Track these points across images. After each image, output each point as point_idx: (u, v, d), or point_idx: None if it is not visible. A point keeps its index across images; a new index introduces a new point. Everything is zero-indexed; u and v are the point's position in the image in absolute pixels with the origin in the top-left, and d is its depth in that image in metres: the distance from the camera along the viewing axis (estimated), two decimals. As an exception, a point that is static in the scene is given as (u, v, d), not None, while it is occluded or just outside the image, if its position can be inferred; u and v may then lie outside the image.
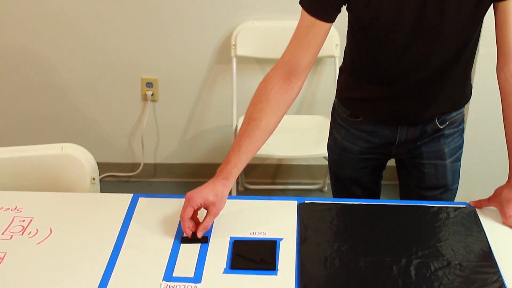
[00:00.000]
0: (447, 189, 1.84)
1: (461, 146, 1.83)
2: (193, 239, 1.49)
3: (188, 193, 1.51)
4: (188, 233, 1.48)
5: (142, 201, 1.66)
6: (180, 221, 1.50)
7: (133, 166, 3.39)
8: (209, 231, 1.52)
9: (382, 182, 2.03)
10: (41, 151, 1.87)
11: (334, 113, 1.90)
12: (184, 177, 3.40)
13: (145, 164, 3.36)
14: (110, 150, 3.34)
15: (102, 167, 2.44)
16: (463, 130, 1.82)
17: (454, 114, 1.76)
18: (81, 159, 1.84)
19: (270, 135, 1.59)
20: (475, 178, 2.71)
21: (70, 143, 1.87)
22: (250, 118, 1.58)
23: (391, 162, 1.97)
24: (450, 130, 1.78)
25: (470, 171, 2.43)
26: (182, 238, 1.50)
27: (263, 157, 3.14)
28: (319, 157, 3.02)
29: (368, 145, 1.82)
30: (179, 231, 1.52)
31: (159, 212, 1.61)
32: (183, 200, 1.63)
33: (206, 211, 1.51)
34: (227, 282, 1.38)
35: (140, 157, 3.34)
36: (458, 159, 1.84)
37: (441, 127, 1.76)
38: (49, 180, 1.84)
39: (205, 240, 1.49)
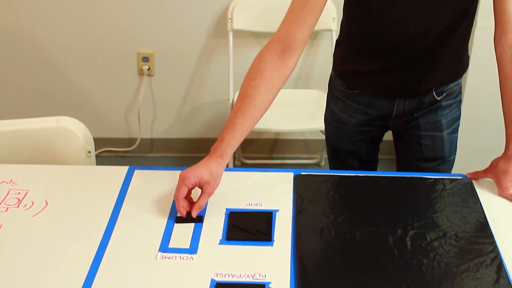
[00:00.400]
0: (444, 160, 1.84)
1: (458, 118, 1.82)
2: (187, 219, 1.47)
3: (182, 172, 1.48)
4: (182, 212, 1.46)
5: (138, 174, 1.66)
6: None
7: (130, 141, 3.38)
8: (204, 210, 1.50)
9: (380, 156, 2.03)
10: (36, 124, 1.86)
11: (331, 86, 1.89)
12: (181, 152, 3.40)
13: (141, 139, 3.35)
14: (106, 125, 3.33)
15: (98, 142, 2.44)
16: (460, 101, 1.82)
17: (451, 85, 1.76)
18: (76, 132, 1.83)
19: (264, 112, 1.57)
20: (472, 150, 2.71)
21: (65, 116, 1.86)
22: (245, 95, 1.55)
23: (389, 136, 1.96)
24: (447, 102, 1.77)
25: (467, 143, 2.43)
26: (176, 218, 1.48)
27: (260, 132, 3.14)
28: (316, 132, 3.02)
29: (365, 117, 1.81)
30: (175, 205, 1.51)
31: (155, 184, 1.60)
32: (178, 172, 1.62)
33: (200, 190, 1.49)
34: (223, 253, 1.38)
35: (137, 132, 3.34)
36: (455, 130, 1.83)
37: (439, 98, 1.75)
38: (44, 154, 1.83)
39: (200, 219, 1.47)
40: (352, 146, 1.90)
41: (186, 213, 1.47)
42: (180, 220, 1.47)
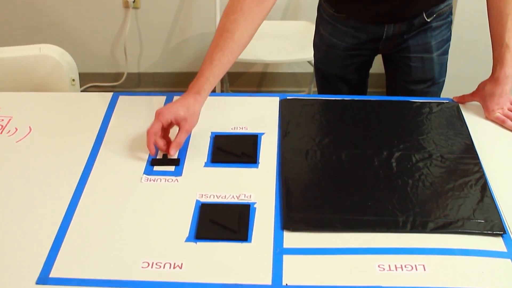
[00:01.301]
0: (434, 82, 1.82)
1: (448, 39, 1.80)
2: (163, 161, 1.41)
3: (158, 109, 1.43)
4: (151, 149, 1.40)
5: (122, 100, 1.64)
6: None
7: (116, 76, 3.34)
8: (182, 151, 1.46)
9: (369, 90, 2.00)
10: (18, 52, 1.84)
11: (320, 10, 1.85)
12: (169, 86, 3.37)
13: (128, 74, 3.32)
14: (92, 60, 3.29)
15: (85, 77, 2.41)
16: (451, 22, 1.79)
17: (442, 6, 1.72)
18: (59, 60, 1.81)
19: (244, 48, 1.50)
20: (460, 73, 2.68)
21: (48, 44, 1.84)
22: (223, 29, 1.48)
23: (378, 70, 1.94)
24: (438, 23, 1.74)
25: (455, 66, 2.39)
26: (151, 160, 1.42)
27: (247, 64, 3.11)
28: (304, 64, 3.00)
29: (355, 41, 1.78)
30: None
31: (140, 109, 1.59)
32: (163, 98, 1.62)
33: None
34: (208, 175, 1.37)
35: (124, 67, 3.30)
36: (446, 52, 1.81)
37: (429, 20, 1.72)
38: (27, 82, 1.81)
39: (177, 162, 1.42)
40: (341, 70, 1.87)
41: (163, 155, 1.42)
42: (155, 162, 1.41)
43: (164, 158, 1.41)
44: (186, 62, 3.29)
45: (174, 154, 1.42)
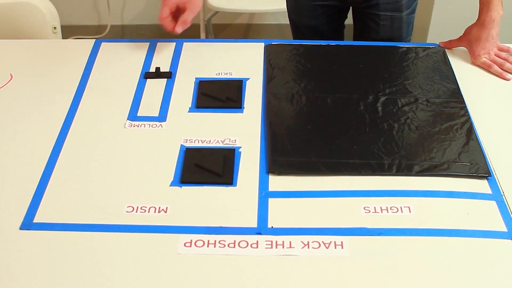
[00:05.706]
0: (401, 41, 1.80)
1: None
2: (157, 74, 1.47)
3: None
4: (169, 27, 1.52)
5: (105, 46, 1.61)
6: (145, 61, 1.49)
7: (99, 28, 3.29)
8: (175, 68, 1.49)
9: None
10: (-3, -1, 1.80)
11: None
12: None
13: (112, 26, 3.26)
14: (74, 12, 3.23)
15: (66, 30, 2.36)
16: None
17: None
18: (40, 7, 1.77)
19: None
20: (446, 19, 2.66)
21: (27, -9, 1.80)
22: None
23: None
24: None
25: (442, 12, 2.36)
26: (145, 74, 1.49)
27: (233, 14, 3.07)
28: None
29: None
30: (143, 71, 1.50)
31: (123, 55, 1.57)
32: (146, 44, 1.60)
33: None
34: (192, 120, 1.36)
35: (107, 18, 3.25)
36: (414, 11, 1.78)
37: None
38: (8, 30, 1.78)
39: (169, 75, 1.47)
40: (312, 21, 1.84)
41: (156, 68, 1.48)
42: (148, 75, 1.48)
43: (157, 71, 1.47)
44: (170, 14, 3.24)
45: (179, 32, 1.52)
